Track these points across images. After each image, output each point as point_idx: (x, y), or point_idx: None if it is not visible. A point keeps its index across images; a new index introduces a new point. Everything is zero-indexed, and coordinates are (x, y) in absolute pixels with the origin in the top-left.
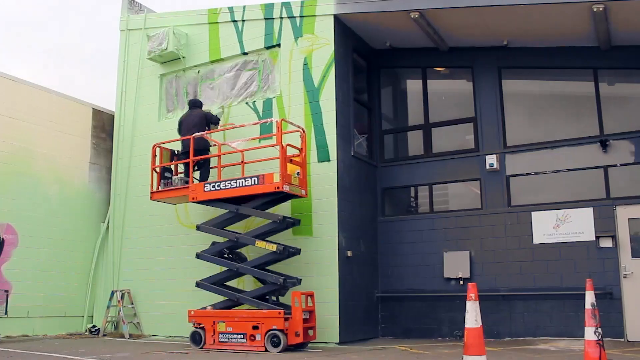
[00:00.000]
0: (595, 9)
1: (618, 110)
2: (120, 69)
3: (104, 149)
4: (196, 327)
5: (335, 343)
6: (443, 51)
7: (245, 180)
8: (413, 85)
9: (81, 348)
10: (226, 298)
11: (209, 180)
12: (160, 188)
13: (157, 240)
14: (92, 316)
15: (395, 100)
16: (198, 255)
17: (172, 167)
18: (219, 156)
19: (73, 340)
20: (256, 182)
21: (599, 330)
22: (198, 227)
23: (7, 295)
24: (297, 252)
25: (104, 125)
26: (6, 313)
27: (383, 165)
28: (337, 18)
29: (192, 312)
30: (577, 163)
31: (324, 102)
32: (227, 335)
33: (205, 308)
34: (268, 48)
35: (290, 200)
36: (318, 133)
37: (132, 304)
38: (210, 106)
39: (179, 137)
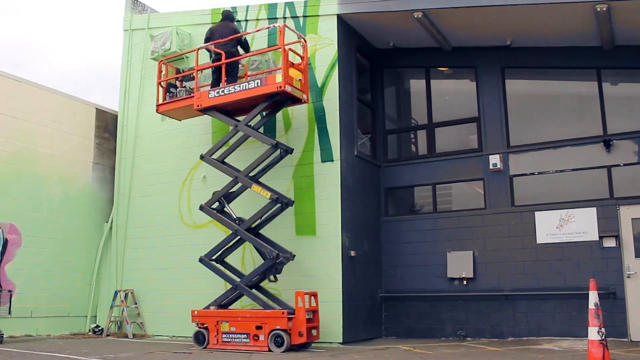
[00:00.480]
0: (598, 9)
1: (621, 110)
2: (124, 68)
3: (107, 149)
4: (200, 327)
5: (339, 343)
6: (446, 51)
7: (249, 83)
8: (416, 85)
9: (84, 348)
10: (228, 288)
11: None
12: (166, 100)
13: (160, 240)
14: (96, 316)
15: (398, 100)
16: (201, 208)
17: (177, 82)
18: (223, 64)
19: (76, 340)
20: (259, 84)
21: (603, 330)
22: (202, 157)
23: (11, 295)
24: (290, 202)
25: (107, 125)
26: (10, 313)
27: (386, 165)
28: (340, 18)
29: (196, 312)
30: (581, 163)
31: (328, 102)
32: (230, 335)
33: (208, 308)
34: (272, 47)
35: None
36: (321, 133)
37: (136, 303)
38: None
39: None
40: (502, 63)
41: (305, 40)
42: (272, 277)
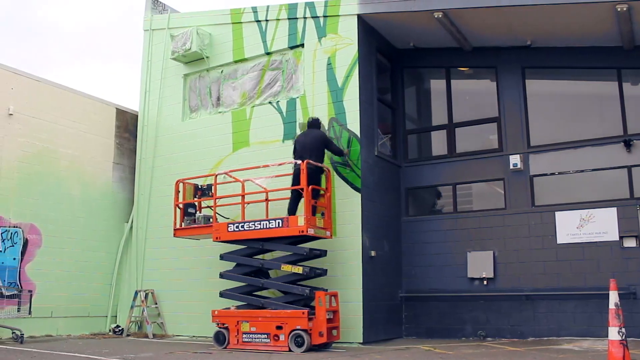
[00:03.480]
0: (619, 9)
1: None
2: (144, 68)
3: (128, 149)
4: (220, 327)
5: (359, 343)
6: (467, 51)
7: (270, 222)
8: (437, 85)
9: (105, 348)
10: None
11: (232, 220)
12: (183, 225)
13: (180, 240)
14: (116, 316)
15: (418, 100)
16: (222, 275)
17: (195, 203)
18: (242, 196)
19: (97, 340)
20: (280, 225)
21: (623, 330)
22: (222, 257)
23: (31, 296)
24: (324, 273)
25: (127, 125)
26: (30, 313)
27: (407, 165)
28: (360, 18)
29: (216, 312)
30: (601, 163)
31: (348, 102)
32: (250, 335)
33: (229, 308)
34: (292, 48)
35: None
36: (342, 133)
37: (156, 304)
38: (231, 105)
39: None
40: (522, 63)
41: (329, 170)
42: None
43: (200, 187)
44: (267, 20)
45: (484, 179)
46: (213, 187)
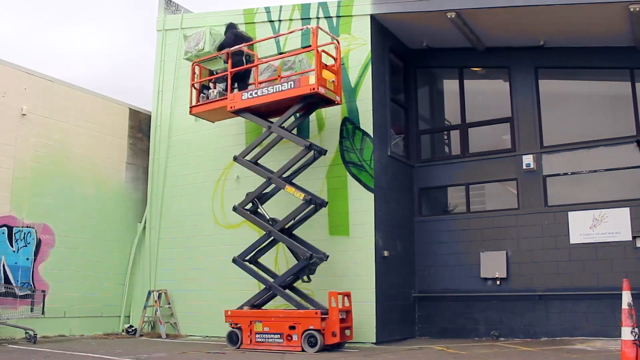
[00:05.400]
0: (632, 9)
1: None
2: (157, 69)
3: (141, 149)
4: (233, 327)
5: (372, 343)
6: (480, 51)
7: (282, 85)
8: (449, 85)
9: (118, 348)
10: (261, 289)
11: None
12: (199, 102)
13: (193, 240)
14: (129, 316)
15: (431, 100)
16: (235, 209)
17: (211, 84)
18: (256, 66)
19: (110, 340)
20: (292, 86)
21: (636, 330)
22: (235, 158)
23: (44, 296)
24: (324, 203)
25: (140, 125)
26: (43, 313)
27: (420, 165)
28: (373, 18)
29: (229, 312)
30: (614, 163)
31: (361, 102)
32: (263, 335)
33: (242, 308)
34: (305, 48)
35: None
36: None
37: (169, 304)
38: None
39: None
40: (535, 63)
41: (338, 42)
42: (305, 278)
43: (215, 72)
44: (280, 21)
45: (497, 179)
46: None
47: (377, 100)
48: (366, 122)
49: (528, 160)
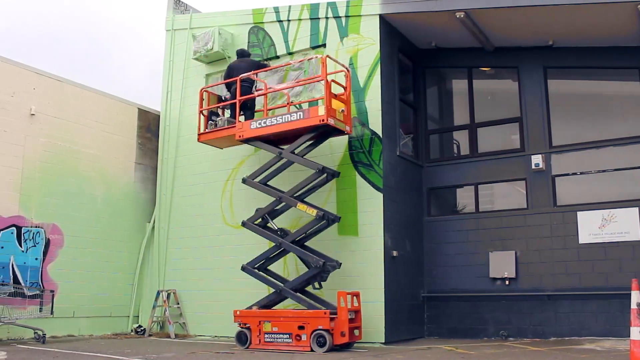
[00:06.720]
0: None
1: None
2: (166, 69)
3: (150, 149)
4: (242, 327)
5: (381, 343)
6: (488, 51)
7: (291, 115)
8: (458, 85)
9: (127, 348)
10: (271, 292)
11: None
12: (207, 130)
13: (202, 240)
14: (138, 316)
15: (440, 100)
16: (244, 224)
17: (219, 111)
18: (265, 94)
19: (119, 340)
20: (301, 117)
21: None
22: (244, 180)
23: (53, 296)
24: (337, 219)
25: (149, 125)
26: (52, 313)
27: (429, 165)
28: (382, 18)
29: (238, 312)
30: (623, 163)
31: (370, 102)
32: (272, 335)
33: (251, 308)
34: (314, 48)
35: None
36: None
37: (178, 304)
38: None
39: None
40: (544, 63)
41: (348, 70)
42: (316, 284)
43: (224, 98)
44: (289, 20)
45: (506, 179)
46: (237, 90)
47: (386, 100)
48: (375, 122)
49: (537, 160)
